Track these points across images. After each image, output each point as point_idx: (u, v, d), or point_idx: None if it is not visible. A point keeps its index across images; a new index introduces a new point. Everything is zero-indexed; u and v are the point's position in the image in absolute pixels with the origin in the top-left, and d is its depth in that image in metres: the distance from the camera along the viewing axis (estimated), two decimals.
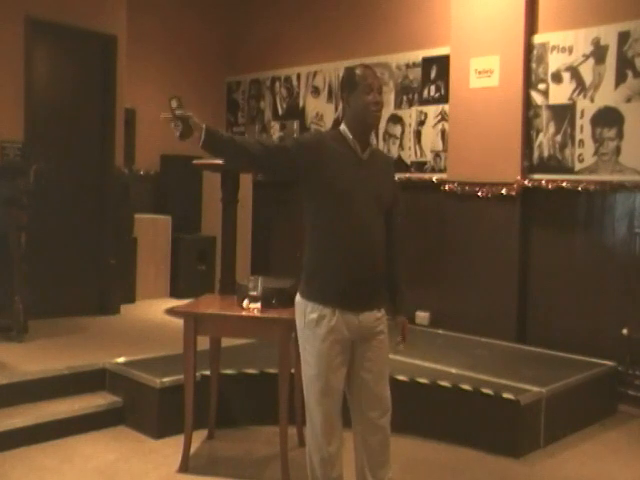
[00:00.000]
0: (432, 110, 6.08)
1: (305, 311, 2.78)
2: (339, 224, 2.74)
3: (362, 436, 2.84)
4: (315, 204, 2.80)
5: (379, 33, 6.44)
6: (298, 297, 2.84)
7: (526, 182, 5.35)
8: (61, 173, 5.75)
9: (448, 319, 5.71)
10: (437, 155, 6.04)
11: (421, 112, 6.15)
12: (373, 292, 2.81)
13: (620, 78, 4.94)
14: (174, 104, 2.69)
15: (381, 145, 6.37)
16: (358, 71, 2.81)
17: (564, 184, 5.16)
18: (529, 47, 5.38)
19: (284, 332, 3.42)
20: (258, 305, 3.58)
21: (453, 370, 4.43)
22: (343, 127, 2.84)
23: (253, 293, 3.60)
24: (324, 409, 2.76)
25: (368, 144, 2.86)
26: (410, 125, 6.23)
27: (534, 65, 5.37)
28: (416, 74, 6.18)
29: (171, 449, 3.84)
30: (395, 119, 6.33)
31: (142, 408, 4.18)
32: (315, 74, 7.00)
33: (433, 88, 6.07)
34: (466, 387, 4.12)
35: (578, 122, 5.15)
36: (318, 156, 2.75)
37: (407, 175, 6.12)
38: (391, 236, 2.91)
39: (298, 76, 7.18)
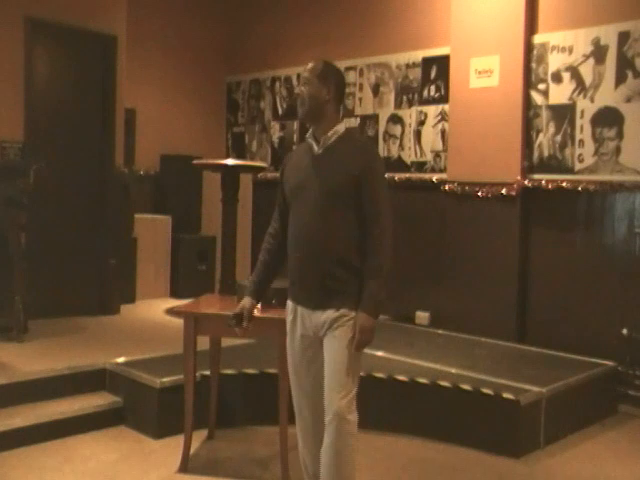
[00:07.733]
0: (432, 110, 6.08)
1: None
2: (290, 225, 2.87)
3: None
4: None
5: (379, 33, 6.44)
6: None
7: (526, 182, 5.35)
8: (61, 173, 5.74)
9: (448, 319, 5.72)
10: (437, 155, 6.04)
11: (421, 112, 6.15)
12: (324, 290, 2.74)
13: (620, 78, 4.94)
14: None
15: (381, 145, 6.38)
16: None
17: (564, 184, 5.16)
18: (529, 47, 5.38)
19: (284, 332, 3.42)
20: (258, 305, 3.57)
21: (453, 370, 4.43)
22: None
23: None
24: (296, 402, 2.89)
25: (322, 137, 2.78)
26: (410, 125, 6.23)
27: (534, 65, 5.37)
28: (416, 74, 6.18)
29: (171, 449, 3.84)
30: (395, 119, 6.33)
31: (142, 408, 4.18)
32: None
33: (433, 88, 6.07)
34: (466, 387, 4.12)
35: (578, 122, 5.15)
36: (285, 172, 2.94)
37: (407, 175, 6.13)
38: (364, 228, 2.72)
39: (298, 76, 7.17)
